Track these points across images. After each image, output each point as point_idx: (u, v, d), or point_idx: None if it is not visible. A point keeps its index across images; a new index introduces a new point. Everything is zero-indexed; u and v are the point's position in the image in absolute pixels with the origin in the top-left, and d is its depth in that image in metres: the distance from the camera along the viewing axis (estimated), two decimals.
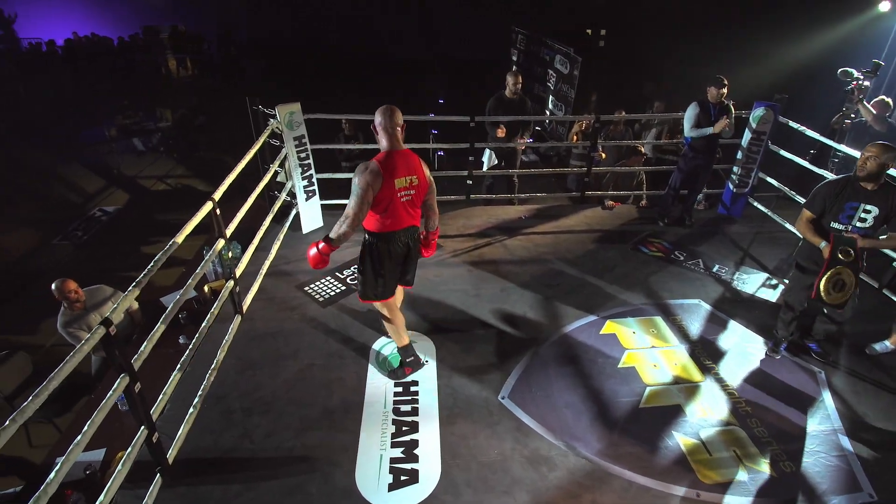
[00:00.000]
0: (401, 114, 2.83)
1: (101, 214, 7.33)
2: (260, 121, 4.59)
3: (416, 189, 2.88)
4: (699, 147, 4.91)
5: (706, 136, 4.79)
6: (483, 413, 3.09)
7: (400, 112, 2.83)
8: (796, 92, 6.04)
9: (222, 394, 3.20)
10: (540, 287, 4.24)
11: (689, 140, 4.93)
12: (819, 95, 6.42)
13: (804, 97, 6.61)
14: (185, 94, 11.39)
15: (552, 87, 8.31)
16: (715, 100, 4.73)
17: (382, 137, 2.82)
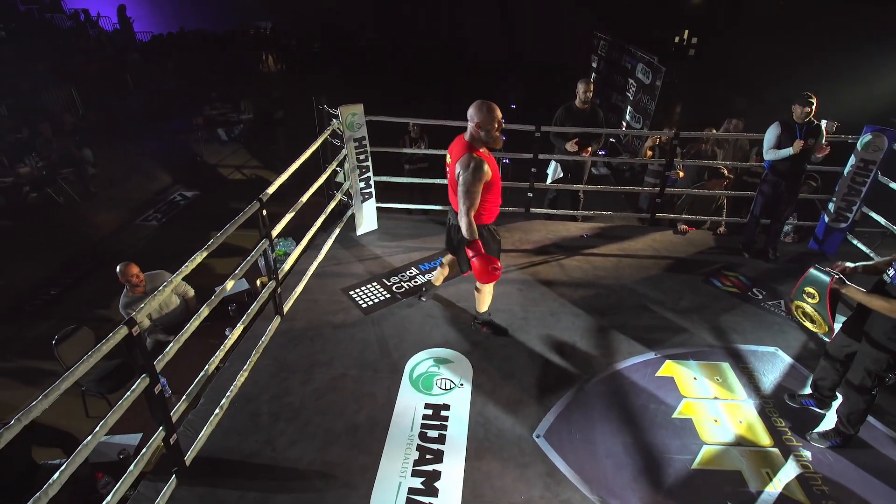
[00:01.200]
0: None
1: (180, 199, 7.76)
2: (324, 120, 4.61)
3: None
4: (782, 171, 4.39)
5: (790, 159, 4.26)
6: (514, 451, 2.86)
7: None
8: None
9: (253, 395, 3.19)
10: (594, 314, 3.93)
11: (769, 163, 4.41)
12: None
13: None
14: (269, 88, 11.88)
15: (631, 97, 7.83)
16: (800, 119, 4.21)
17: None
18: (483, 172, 2.92)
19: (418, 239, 4.89)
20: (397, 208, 5.37)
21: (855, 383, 2.80)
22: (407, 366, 3.41)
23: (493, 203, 3.17)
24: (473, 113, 2.92)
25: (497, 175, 3.09)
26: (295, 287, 4.02)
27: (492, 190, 3.08)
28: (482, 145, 3.00)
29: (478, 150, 2.98)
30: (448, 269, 3.88)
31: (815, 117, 4.24)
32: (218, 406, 2.95)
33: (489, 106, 2.90)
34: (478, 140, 2.98)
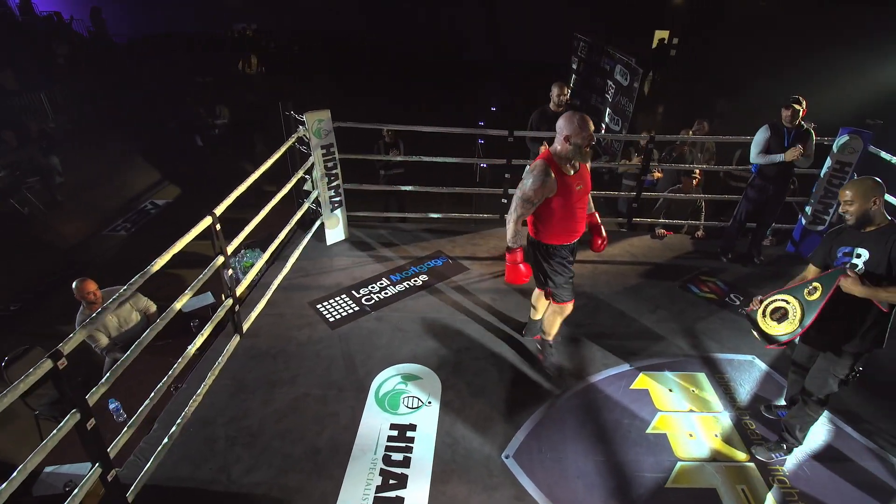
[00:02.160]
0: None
1: (151, 207, 7.55)
2: (292, 126, 4.46)
3: None
4: (770, 175, 4.33)
5: (778, 164, 4.20)
6: (482, 473, 2.74)
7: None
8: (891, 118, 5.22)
9: (210, 418, 3.03)
10: (569, 325, 3.80)
11: (756, 167, 4.35)
12: None
13: None
14: (247, 91, 11.67)
15: (610, 98, 7.75)
16: (789, 123, 4.15)
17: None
18: (545, 183, 2.71)
19: (391, 248, 4.75)
20: (370, 216, 5.23)
21: (815, 394, 2.68)
22: (373, 383, 3.28)
23: (559, 224, 2.89)
24: (564, 124, 2.68)
25: (572, 197, 2.81)
26: (258, 301, 3.87)
27: (559, 210, 2.82)
28: (566, 162, 2.75)
29: (556, 163, 2.74)
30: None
31: (803, 120, 4.19)
32: (169, 433, 2.79)
33: (581, 118, 2.65)
34: (563, 156, 2.74)
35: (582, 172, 2.86)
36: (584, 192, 2.91)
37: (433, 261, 4.56)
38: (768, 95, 4.33)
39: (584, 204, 2.94)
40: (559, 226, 2.91)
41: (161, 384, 2.81)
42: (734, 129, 5.06)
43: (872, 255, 2.38)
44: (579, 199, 2.87)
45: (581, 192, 2.86)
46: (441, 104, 11.85)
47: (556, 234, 2.96)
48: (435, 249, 4.74)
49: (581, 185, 2.84)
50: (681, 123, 6.81)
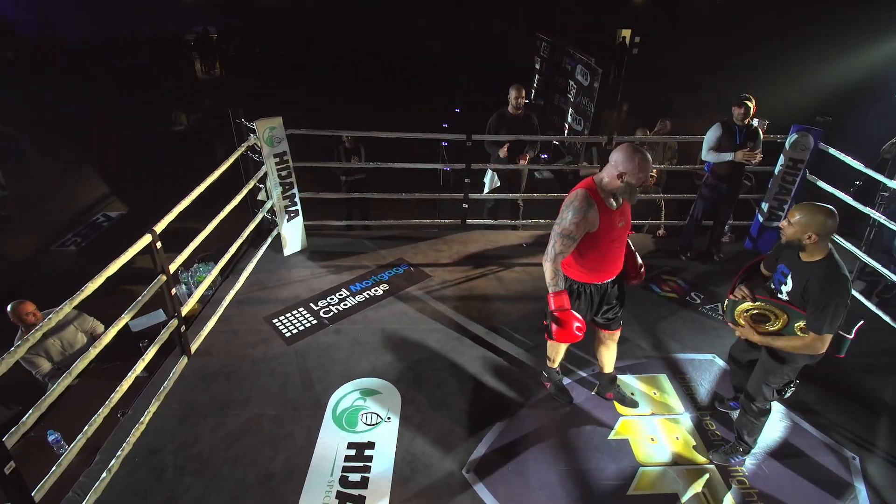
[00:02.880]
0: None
1: (103, 220, 7.23)
2: (243, 134, 4.30)
3: None
4: (722, 174, 4.39)
5: (730, 162, 4.26)
6: (442, 490, 2.66)
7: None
8: (846, 114, 5.37)
9: (157, 446, 2.88)
10: (531, 331, 3.78)
11: (709, 166, 4.41)
12: (873, 119, 5.70)
13: (856, 120, 5.91)
14: (206, 96, 11.34)
15: (572, 98, 7.80)
16: (739, 121, 4.22)
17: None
18: (587, 216, 2.42)
19: (351, 257, 4.64)
20: (329, 225, 5.09)
21: (753, 398, 2.67)
22: (330, 401, 3.17)
23: (591, 262, 2.62)
24: (622, 160, 2.36)
25: (612, 233, 2.54)
26: (210, 318, 3.71)
27: (595, 247, 2.56)
28: (610, 196, 2.48)
29: (598, 195, 2.47)
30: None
31: (753, 118, 4.27)
32: (110, 464, 2.63)
33: (643, 158, 2.35)
34: (608, 190, 2.46)
35: (624, 208, 2.56)
36: (625, 230, 2.62)
37: (394, 269, 4.47)
38: (724, 93, 4.39)
39: (622, 243, 2.67)
40: (590, 264, 2.63)
41: (100, 411, 2.66)
42: (694, 128, 5.12)
43: (794, 286, 2.37)
44: (619, 236, 2.59)
45: (622, 229, 2.58)
46: (406, 105, 11.78)
47: (585, 272, 2.67)
48: (396, 257, 4.65)
49: (623, 222, 2.57)
50: (643, 122, 6.89)
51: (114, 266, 2.57)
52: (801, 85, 8.12)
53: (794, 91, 7.83)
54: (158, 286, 2.96)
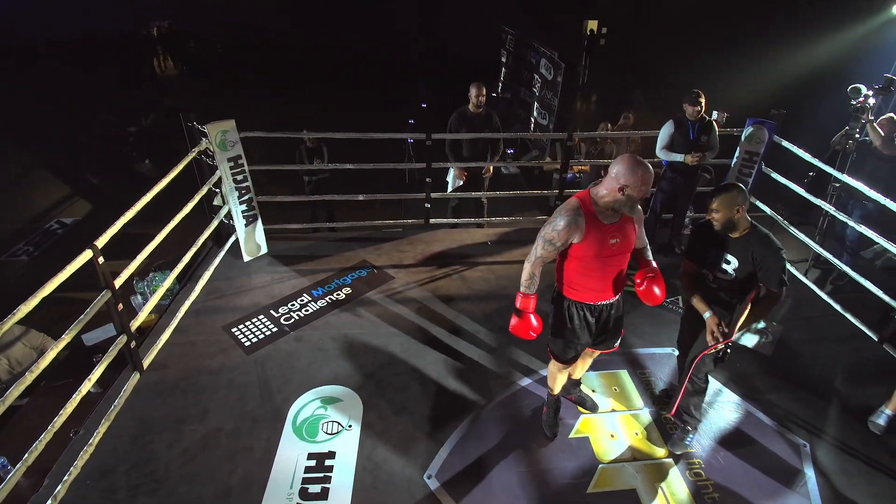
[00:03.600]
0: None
1: (57, 227, 6.96)
2: (195, 137, 4.18)
3: None
4: (679, 168, 4.48)
5: (685, 152, 4.35)
6: (403, 497, 2.65)
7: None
8: (804, 105, 5.49)
9: (109, 466, 2.79)
10: (495, 331, 3.78)
11: (666, 161, 4.48)
12: (827, 110, 5.84)
13: (813, 111, 6.05)
14: (165, 95, 11.00)
15: (537, 92, 7.81)
16: (693, 117, 4.29)
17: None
18: (572, 227, 2.31)
19: (313, 261, 4.56)
20: (291, 228, 4.98)
21: (691, 374, 2.80)
22: (290, 411, 3.12)
23: (579, 278, 2.49)
24: (623, 172, 2.21)
25: (603, 251, 2.38)
26: (166, 329, 3.61)
27: (583, 261, 2.42)
28: (607, 210, 2.33)
29: (593, 208, 2.34)
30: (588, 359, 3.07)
31: (706, 113, 4.35)
32: (55, 490, 2.54)
33: (646, 171, 2.21)
34: (605, 203, 2.31)
35: (623, 225, 2.38)
36: (622, 250, 2.43)
37: (357, 272, 4.42)
38: (691, 85, 4.46)
39: (619, 263, 2.47)
40: (579, 280, 2.50)
41: (47, 430, 2.56)
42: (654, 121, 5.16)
43: (740, 262, 2.56)
44: (613, 254, 2.41)
45: (616, 247, 2.39)
46: (372, 101, 11.64)
47: (575, 289, 2.54)
48: (360, 259, 4.59)
49: (618, 239, 2.37)
50: (607, 116, 6.93)
51: (50, 286, 2.46)
52: (762, 77, 8.29)
53: (756, 83, 7.99)
54: (103, 302, 2.85)
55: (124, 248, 3.43)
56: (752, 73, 8.42)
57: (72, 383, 3.35)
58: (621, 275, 2.53)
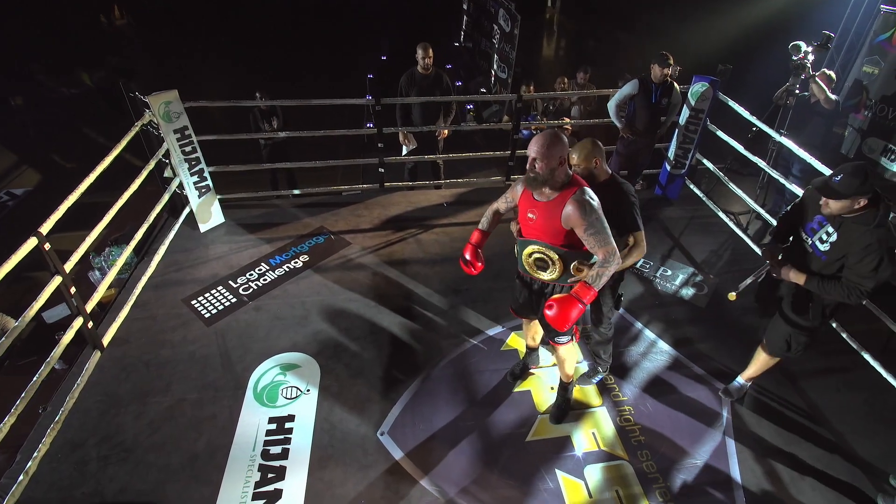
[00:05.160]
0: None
1: (7, 198, 6.78)
2: (139, 110, 4.09)
3: None
4: (640, 128, 4.60)
5: (647, 116, 4.49)
6: (358, 453, 2.89)
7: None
8: (748, 61, 5.58)
9: (80, 440, 2.94)
10: (448, 293, 3.96)
11: (625, 121, 4.61)
12: (771, 66, 5.95)
13: (757, 67, 6.14)
14: (110, 52, 10.40)
15: (497, 44, 7.68)
16: (658, 80, 4.37)
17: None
18: (513, 187, 2.57)
19: (270, 229, 4.62)
20: (243, 198, 4.98)
21: (600, 323, 3.14)
22: (251, 378, 3.29)
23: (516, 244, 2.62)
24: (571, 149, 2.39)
25: (521, 216, 2.51)
26: (125, 304, 3.69)
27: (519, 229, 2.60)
28: (538, 184, 2.32)
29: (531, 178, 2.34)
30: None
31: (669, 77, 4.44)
32: (27, 465, 2.69)
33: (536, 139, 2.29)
34: (537, 177, 2.29)
35: (549, 207, 2.33)
36: (535, 230, 2.43)
37: (314, 238, 4.50)
38: (642, 41, 4.49)
39: (533, 239, 2.46)
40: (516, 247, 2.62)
41: (12, 410, 2.68)
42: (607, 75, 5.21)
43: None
44: (528, 229, 2.46)
45: (532, 223, 2.42)
46: (331, 54, 11.26)
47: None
48: (317, 226, 4.67)
49: (534, 216, 2.39)
50: (563, 71, 6.90)
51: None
52: (713, 31, 8.26)
53: (706, 37, 7.97)
54: (55, 287, 2.91)
55: (78, 220, 3.46)
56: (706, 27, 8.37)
57: (36, 361, 3.46)
58: (540, 260, 2.49)
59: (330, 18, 13.26)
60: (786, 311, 2.84)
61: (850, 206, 2.36)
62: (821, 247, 2.56)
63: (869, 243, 2.34)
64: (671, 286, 4.13)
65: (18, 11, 10.57)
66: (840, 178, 2.34)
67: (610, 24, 10.49)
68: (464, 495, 2.69)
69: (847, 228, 2.43)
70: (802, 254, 2.67)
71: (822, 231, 2.55)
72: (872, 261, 2.35)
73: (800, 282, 2.61)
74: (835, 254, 2.48)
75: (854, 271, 2.42)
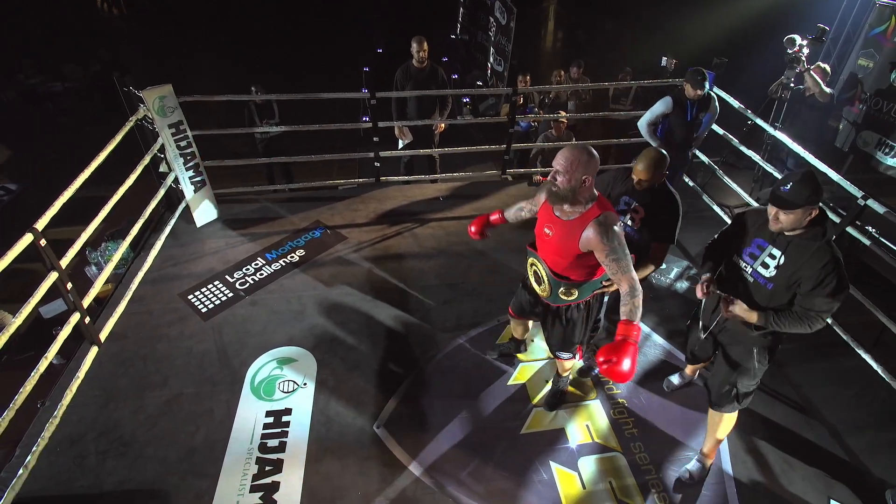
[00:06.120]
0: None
1: (2, 193, 6.75)
2: (134, 105, 4.08)
3: None
4: (676, 142, 4.22)
5: (683, 133, 4.17)
6: (355, 446, 2.92)
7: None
8: (743, 54, 5.58)
9: (78, 434, 2.96)
10: (442, 288, 3.98)
11: (661, 132, 4.28)
12: (766, 59, 5.95)
13: (751, 60, 6.13)
14: (101, 45, 10.31)
15: (493, 37, 7.65)
16: (693, 97, 4.08)
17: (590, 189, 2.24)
18: (536, 194, 2.56)
19: (266, 223, 4.63)
20: (239, 192, 4.97)
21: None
22: (248, 373, 3.31)
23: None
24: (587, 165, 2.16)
25: (538, 228, 2.45)
26: (122, 299, 3.70)
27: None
28: (559, 201, 2.25)
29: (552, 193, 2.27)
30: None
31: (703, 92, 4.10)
32: (26, 459, 2.72)
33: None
34: (557, 192, 2.22)
35: (568, 225, 2.25)
36: (549, 245, 2.37)
37: (310, 232, 4.51)
38: (637, 32, 4.47)
39: (545, 256, 2.42)
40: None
41: (11, 405, 2.70)
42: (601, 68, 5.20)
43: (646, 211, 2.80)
44: (542, 242, 2.41)
45: (547, 239, 2.36)
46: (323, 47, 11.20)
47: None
48: (313, 220, 4.67)
49: (551, 232, 2.33)
50: (559, 64, 6.89)
51: None
52: (708, 24, 8.23)
53: (701, 30, 7.94)
54: (51, 282, 2.92)
55: (75, 215, 3.46)
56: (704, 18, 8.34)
57: (34, 356, 3.48)
58: (536, 275, 2.52)
59: (325, 12, 13.15)
60: (729, 354, 2.52)
61: (802, 219, 2.07)
62: (765, 273, 2.24)
63: (825, 263, 2.07)
64: (665, 279, 4.16)
65: (18, 11, 10.48)
66: (790, 186, 2.04)
67: (605, 17, 10.45)
68: (459, 487, 2.73)
69: (795, 248, 2.15)
70: (740, 284, 2.35)
71: (763, 255, 2.25)
72: (830, 282, 2.07)
73: (751, 320, 2.28)
74: (782, 280, 2.18)
75: (811, 298, 2.13)
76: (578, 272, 2.36)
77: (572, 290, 2.42)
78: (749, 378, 2.50)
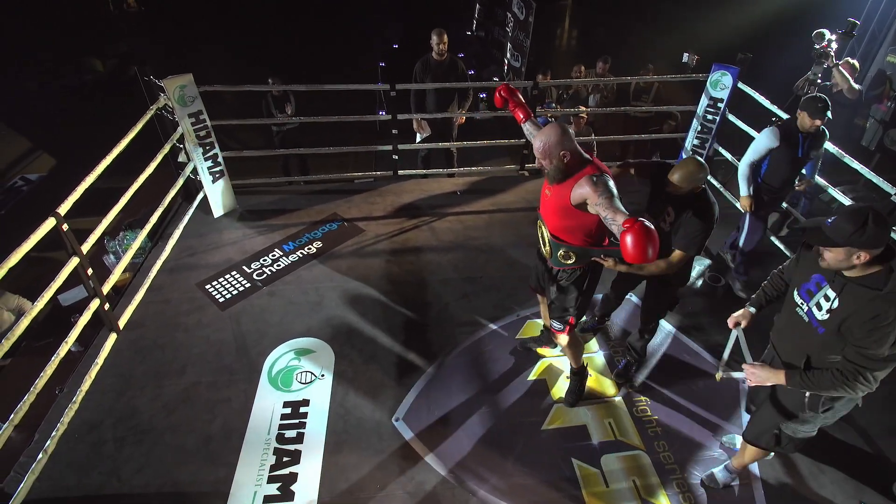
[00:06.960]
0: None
1: (22, 184, 6.81)
2: (154, 94, 4.08)
3: None
4: (774, 184, 3.65)
5: (788, 172, 3.57)
6: (373, 439, 2.88)
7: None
8: (768, 50, 5.47)
9: (97, 421, 2.96)
10: (461, 282, 3.94)
11: (762, 177, 3.68)
12: (791, 54, 5.83)
13: (776, 55, 6.03)
14: (119, 38, 10.39)
15: (510, 32, 7.59)
16: (809, 129, 3.42)
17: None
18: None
19: (283, 215, 4.61)
20: (256, 183, 4.96)
21: (645, 325, 3.18)
22: (266, 363, 3.29)
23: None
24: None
25: (540, 191, 2.52)
26: (140, 288, 3.69)
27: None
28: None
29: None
30: None
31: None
32: (45, 444, 2.71)
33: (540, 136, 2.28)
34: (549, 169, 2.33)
35: (560, 187, 2.31)
36: (546, 207, 2.46)
37: (327, 225, 4.49)
38: (658, 28, 4.40)
39: (545, 216, 2.49)
40: None
41: (31, 390, 2.70)
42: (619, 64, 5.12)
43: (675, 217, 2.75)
44: (542, 202, 2.49)
45: (546, 199, 2.45)
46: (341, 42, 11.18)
47: None
48: (330, 212, 4.65)
49: (550, 192, 2.40)
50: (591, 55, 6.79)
51: (15, 256, 2.50)
52: (732, 18, 8.10)
53: (725, 25, 7.82)
54: (72, 268, 2.91)
55: (93, 205, 3.46)
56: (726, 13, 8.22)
57: (53, 343, 3.48)
58: (541, 235, 2.58)
59: (340, 8, 13.15)
60: (777, 395, 2.27)
61: (848, 260, 1.77)
62: (818, 315, 1.94)
63: (877, 314, 1.74)
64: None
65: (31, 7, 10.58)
66: (833, 220, 1.78)
67: (624, 13, 10.33)
68: (479, 482, 2.68)
69: (850, 293, 1.83)
70: (795, 324, 2.06)
71: (819, 295, 1.94)
72: (884, 336, 1.74)
73: (780, 381, 2.07)
74: (834, 325, 1.86)
75: (858, 348, 1.81)
76: (575, 236, 2.43)
77: (570, 253, 2.48)
78: (798, 423, 2.22)
